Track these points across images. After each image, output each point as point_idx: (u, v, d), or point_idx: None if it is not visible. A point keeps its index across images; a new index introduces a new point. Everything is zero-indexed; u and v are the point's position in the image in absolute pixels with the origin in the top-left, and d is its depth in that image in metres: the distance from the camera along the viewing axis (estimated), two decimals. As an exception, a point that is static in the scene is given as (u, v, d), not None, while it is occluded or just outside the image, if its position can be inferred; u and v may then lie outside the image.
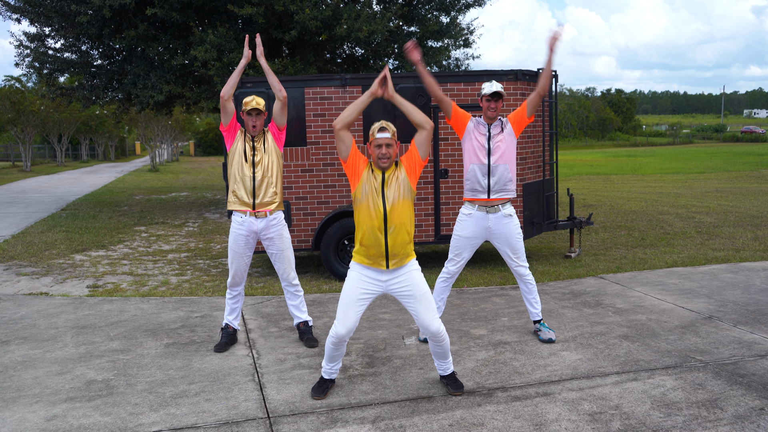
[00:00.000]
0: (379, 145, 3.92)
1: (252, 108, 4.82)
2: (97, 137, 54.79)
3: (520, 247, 5.04)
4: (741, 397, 3.97)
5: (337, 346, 4.09)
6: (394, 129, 3.98)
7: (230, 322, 5.17)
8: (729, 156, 39.82)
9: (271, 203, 4.96)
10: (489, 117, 4.90)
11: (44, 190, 21.39)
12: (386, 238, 3.93)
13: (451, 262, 5.13)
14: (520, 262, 5.08)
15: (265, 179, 4.91)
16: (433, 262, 8.51)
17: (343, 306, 4.02)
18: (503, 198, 4.93)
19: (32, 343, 5.25)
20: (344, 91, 7.42)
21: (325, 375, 4.22)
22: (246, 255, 5.03)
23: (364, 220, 3.97)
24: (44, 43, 14.53)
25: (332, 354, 4.13)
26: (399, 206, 3.94)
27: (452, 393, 4.13)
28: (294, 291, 5.20)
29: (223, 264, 8.67)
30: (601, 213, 13.12)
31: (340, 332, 4.01)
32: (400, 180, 3.97)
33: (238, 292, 5.16)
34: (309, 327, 5.24)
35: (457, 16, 16.03)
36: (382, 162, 3.94)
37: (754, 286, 6.68)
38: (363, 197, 3.97)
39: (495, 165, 4.87)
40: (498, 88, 4.84)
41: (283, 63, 12.89)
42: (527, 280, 5.15)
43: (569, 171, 28.91)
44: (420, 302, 4.00)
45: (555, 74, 8.22)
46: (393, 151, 3.95)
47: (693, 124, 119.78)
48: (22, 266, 8.64)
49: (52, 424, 3.79)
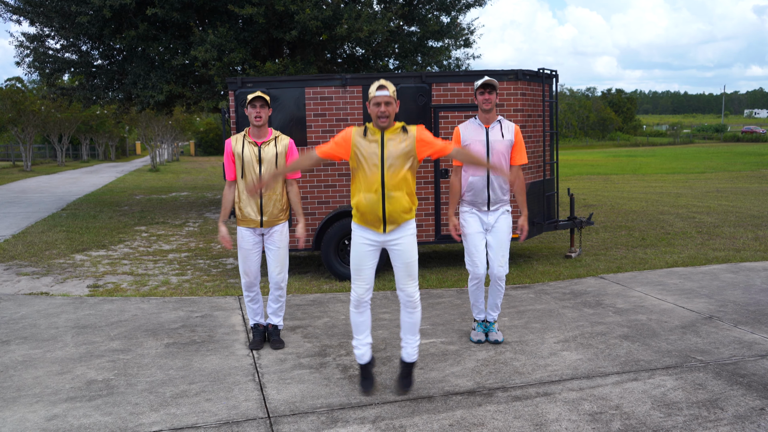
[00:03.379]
0: (377, 103, 3.85)
1: (256, 96, 4.75)
2: (98, 137, 54.82)
3: (508, 245, 4.98)
4: (741, 397, 3.96)
5: (360, 310, 4.10)
6: (393, 87, 3.90)
7: (258, 322, 5.17)
8: (729, 156, 39.80)
9: (278, 219, 4.95)
10: (484, 110, 4.84)
11: (45, 190, 21.40)
12: (384, 205, 3.88)
13: (471, 264, 4.94)
14: (503, 262, 4.94)
15: (273, 197, 4.90)
16: (434, 262, 8.51)
17: (355, 268, 4.06)
18: (502, 205, 4.95)
19: (32, 343, 5.25)
20: (345, 91, 7.42)
21: (358, 359, 4.18)
22: (255, 252, 4.98)
23: (360, 185, 3.92)
24: (44, 43, 14.54)
25: (357, 321, 4.13)
26: (399, 171, 3.88)
27: (398, 391, 4.11)
28: (279, 295, 5.09)
29: (223, 264, 8.67)
30: (602, 213, 13.12)
31: (359, 292, 4.05)
32: (403, 146, 3.90)
33: (255, 293, 5.09)
34: (278, 330, 5.19)
35: (457, 16, 16.04)
36: (381, 121, 3.87)
37: (754, 286, 6.68)
38: (359, 162, 3.91)
39: (495, 177, 4.86)
40: (489, 79, 4.81)
41: (283, 63, 12.90)
42: (501, 284, 5.01)
43: (570, 171, 28.91)
44: (405, 267, 4.05)
45: (555, 74, 8.22)
46: (392, 110, 3.88)
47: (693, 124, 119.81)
48: (22, 266, 8.65)
49: (52, 423, 3.79)
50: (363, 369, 4.21)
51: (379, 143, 3.89)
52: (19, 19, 14.33)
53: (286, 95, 7.36)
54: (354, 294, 4.09)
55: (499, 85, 7.30)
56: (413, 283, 4.09)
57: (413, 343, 4.17)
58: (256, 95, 4.77)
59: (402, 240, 4.01)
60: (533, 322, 5.61)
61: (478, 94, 4.88)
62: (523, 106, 7.55)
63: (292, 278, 7.62)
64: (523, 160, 4.97)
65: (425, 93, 7.38)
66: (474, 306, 5.15)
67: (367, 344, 4.19)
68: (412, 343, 4.17)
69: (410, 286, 4.08)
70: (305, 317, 5.92)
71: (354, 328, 4.18)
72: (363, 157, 3.89)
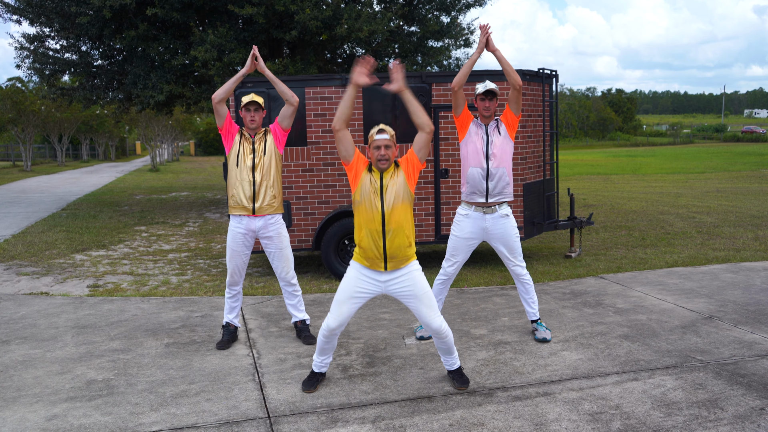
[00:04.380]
0: (378, 146, 3.96)
1: (250, 101, 4.82)
2: (98, 137, 54.80)
3: (517, 246, 5.04)
4: (741, 397, 3.96)
5: (328, 339, 4.18)
6: (392, 132, 4.03)
7: (231, 321, 5.20)
8: (729, 156, 39.80)
9: (270, 207, 4.96)
10: (484, 117, 4.92)
11: (45, 190, 21.39)
12: (384, 241, 3.97)
13: (448, 262, 5.12)
14: (517, 262, 5.07)
15: (264, 183, 4.91)
16: (433, 262, 8.51)
17: (338, 301, 4.09)
18: (501, 201, 4.95)
19: (32, 343, 5.25)
20: (344, 90, 7.41)
21: (315, 368, 4.30)
22: (243, 254, 5.04)
23: (362, 222, 4.01)
24: (44, 43, 14.53)
25: (323, 347, 4.22)
26: (397, 209, 3.97)
27: (457, 388, 4.19)
28: (292, 291, 5.21)
29: (223, 264, 8.67)
30: (602, 213, 13.12)
31: (332, 325, 4.10)
32: (398, 183, 4.00)
33: (237, 291, 5.17)
34: (306, 325, 5.26)
35: (457, 16, 16.04)
36: (381, 164, 3.98)
37: (754, 286, 6.68)
38: (362, 199, 4.00)
39: (494, 169, 4.88)
40: (491, 87, 4.84)
41: (283, 63, 12.89)
42: (524, 280, 5.14)
43: (570, 171, 28.90)
44: (422, 301, 4.04)
45: (555, 74, 8.22)
46: (391, 153, 3.99)
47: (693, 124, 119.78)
48: (22, 266, 8.65)
49: (52, 423, 3.79)
50: (314, 374, 4.30)
51: (379, 185, 3.99)
52: (19, 20, 14.32)
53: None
54: (326, 325, 4.11)
55: (498, 85, 7.30)
56: (435, 314, 4.08)
57: (452, 360, 4.27)
58: (251, 99, 4.80)
59: (406, 276, 4.03)
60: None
61: (478, 100, 4.90)
62: (523, 105, 7.54)
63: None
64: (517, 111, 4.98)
65: (425, 93, 7.38)
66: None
67: (327, 363, 4.31)
68: (451, 360, 4.27)
69: (434, 320, 4.08)
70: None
71: (319, 350, 4.24)
72: (365, 195, 4.00)
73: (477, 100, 4.92)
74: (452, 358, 4.26)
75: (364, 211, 3.99)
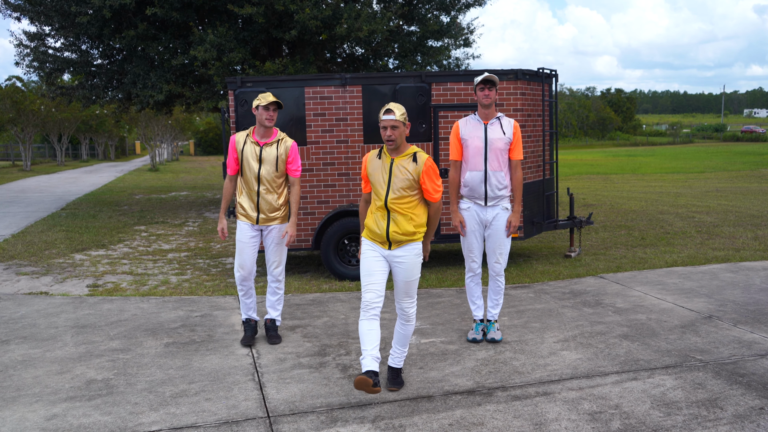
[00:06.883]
0: (384, 127, 3.92)
1: (273, 101, 4.77)
2: (97, 137, 54.80)
3: (507, 243, 5.02)
4: (741, 396, 3.97)
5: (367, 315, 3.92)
6: (403, 110, 3.94)
7: (251, 316, 5.23)
8: (729, 155, 39.81)
9: (275, 219, 4.97)
10: (483, 105, 4.87)
11: (44, 190, 21.39)
12: (388, 225, 3.97)
13: (468, 259, 5.09)
14: (501, 259, 5.02)
15: (270, 195, 4.92)
16: (433, 261, 8.51)
17: (365, 272, 4.04)
18: (500, 201, 4.95)
19: (32, 343, 5.25)
20: (344, 90, 7.42)
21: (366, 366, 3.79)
22: (251, 245, 5.01)
23: (373, 202, 4.06)
24: (44, 42, 14.53)
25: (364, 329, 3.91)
26: (403, 197, 3.96)
27: (390, 388, 4.16)
28: (276, 287, 5.21)
29: (222, 263, 8.67)
30: (601, 212, 13.13)
31: (369, 296, 3.97)
32: (408, 174, 3.95)
33: (249, 286, 5.14)
34: (275, 325, 5.26)
35: (457, 16, 16.05)
36: (389, 144, 3.95)
37: (754, 286, 6.68)
38: (373, 180, 4.05)
39: (492, 172, 4.86)
40: (489, 75, 4.83)
41: (283, 62, 12.89)
42: (500, 281, 5.09)
43: (569, 170, 28.91)
44: (404, 285, 4.09)
45: (555, 73, 8.22)
46: (398, 133, 3.92)
47: (693, 123, 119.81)
48: (22, 265, 8.64)
49: (52, 423, 3.79)
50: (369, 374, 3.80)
51: (388, 168, 3.99)
52: (19, 17, 14.31)
53: (286, 95, 7.36)
54: (364, 298, 3.98)
55: (499, 84, 7.29)
56: (411, 300, 4.15)
57: (401, 353, 4.24)
58: (273, 101, 4.77)
59: (405, 258, 4.03)
60: (533, 321, 5.61)
61: (477, 90, 4.90)
62: (523, 105, 7.55)
63: (292, 278, 7.62)
64: (519, 156, 4.97)
65: (425, 92, 7.38)
66: (471, 302, 5.17)
67: (374, 357, 3.83)
68: (400, 353, 4.24)
69: (407, 303, 4.15)
70: (305, 317, 5.92)
71: (361, 338, 3.91)
72: (374, 178, 4.03)
73: (476, 92, 4.91)
74: (401, 352, 4.22)
75: (374, 192, 4.04)
